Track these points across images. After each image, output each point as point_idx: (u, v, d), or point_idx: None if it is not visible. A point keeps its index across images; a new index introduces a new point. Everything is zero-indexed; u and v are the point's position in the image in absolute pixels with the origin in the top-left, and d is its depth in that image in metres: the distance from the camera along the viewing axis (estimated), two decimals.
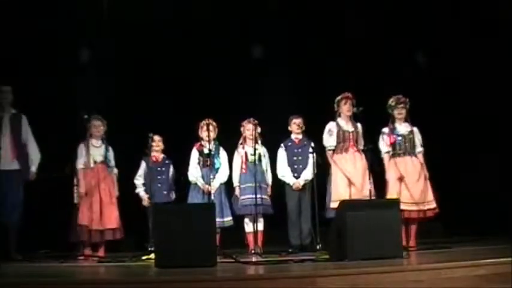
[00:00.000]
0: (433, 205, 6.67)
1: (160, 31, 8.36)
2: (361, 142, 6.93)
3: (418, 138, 6.84)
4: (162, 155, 7.20)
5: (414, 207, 6.56)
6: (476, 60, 8.41)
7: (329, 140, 6.93)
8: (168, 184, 7.17)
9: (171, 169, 7.22)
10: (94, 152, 6.79)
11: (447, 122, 8.54)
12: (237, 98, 8.28)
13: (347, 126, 6.92)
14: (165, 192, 7.07)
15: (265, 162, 7.09)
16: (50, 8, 7.98)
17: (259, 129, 7.09)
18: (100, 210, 6.62)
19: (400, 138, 6.79)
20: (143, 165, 7.14)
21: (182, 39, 8.42)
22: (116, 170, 6.96)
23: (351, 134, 6.88)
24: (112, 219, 6.67)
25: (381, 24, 8.50)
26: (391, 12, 8.51)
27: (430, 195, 6.69)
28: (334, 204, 6.53)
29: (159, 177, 7.08)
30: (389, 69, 8.45)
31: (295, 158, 7.06)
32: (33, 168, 6.67)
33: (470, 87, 8.50)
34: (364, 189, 6.65)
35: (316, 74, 8.52)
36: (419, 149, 6.83)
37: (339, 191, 6.71)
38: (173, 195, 7.21)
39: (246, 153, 7.03)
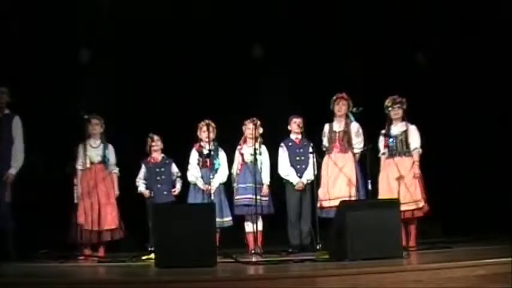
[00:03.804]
0: (421, 204, 6.62)
1: (161, 31, 8.36)
2: (359, 141, 6.94)
3: (413, 137, 6.80)
4: (161, 155, 7.18)
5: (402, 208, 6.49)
6: (476, 60, 8.41)
7: (323, 140, 7.06)
8: (168, 184, 7.13)
9: (173, 168, 7.19)
10: (91, 153, 6.78)
11: (447, 122, 8.54)
12: (237, 98, 8.28)
13: (337, 126, 7.00)
14: (165, 193, 7.03)
15: (262, 162, 7.08)
16: (50, 8, 7.98)
17: (260, 130, 7.10)
18: (98, 211, 6.62)
19: (392, 140, 6.80)
20: (143, 167, 7.14)
21: (182, 39, 8.42)
22: (116, 169, 6.95)
23: (337, 134, 6.95)
24: (109, 220, 6.66)
25: (381, 24, 8.50)
26: (391, 12, 8.51)
27: (418, 195, 6.63)
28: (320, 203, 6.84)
29: (158, 178, 7.04)
30: (389, 69, 8.45)
31: (297, 158, 7.09)
32: (12, 171, 6.47)
33: (470, 87, 8.49)
34: (342, 190, 6.75)
35: (316, 74, 8.52)
36: (413, 146, 6.77)
37: (321, 192, 6.90)
38: (173, 195, 7.15)
39: (242, 154, 7.05)
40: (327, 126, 7.06)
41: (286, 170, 7.09)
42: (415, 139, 6.79)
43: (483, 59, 8.34)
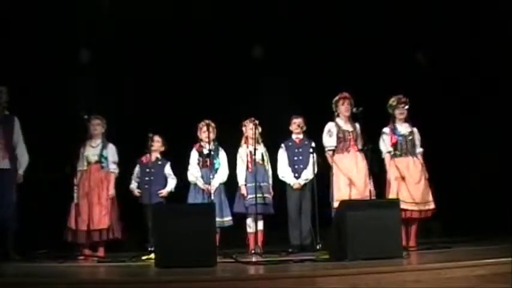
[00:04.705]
0: (432, 205, 6.70)
1: (161, 31, 8.36)
2: (360, 142, 6.94)
3: (417, 139, 6.86)
4: (156, 156, 7.12)
5: (415, 208, 6.57)
6: (476, 60, 8.41)
7: (329, 140, 6.92)
8: (157, 185, 7.01)
9: (165, 169, 7.12)
10: (89, 153, 6.76)
11: (447, 122, 8.54)
12: (237, 98, 8.28)
13: (346, 126, 6.93)
14: (151, 194, 6.87)
15: (268, 162, 7.11)
16: (50, 8, 7.98)
17: (259, 129, 7.11)
18: (88, 212, 6.59)
19: (401, 138, 6.80)
20: (137, 166, 7.12)
21: (182, 39, 8.42)
22: (116, 169, 6.85)
23: (351, 134, 6.88)
24: (97, 220, 6.57)
25: (381, 24, 8.50)
26: (391, 12, 8.51)
27: (430, 196, 6.72)
28: (336, 204, 6.56)
29: (147, 178, 6.96)
30: (389, 69, 8.45)
31: (295, 158, 7.07)
32: (21, 171, 6.58)
33: (470, 87, 8.50)
34: (365, 189, 6.67)
35: (316, 74, 8.52)
36: (419, 149, 6.85)
37: (340, 191, 6.71)
38: (158, 197, 7.01)
39: (251, 152, 7.01)
40: (332, 125, 6.93)
41: (283, 171, 7.08)
42: (419, 141, 6.84)
43: (483, 58, 8.34)
